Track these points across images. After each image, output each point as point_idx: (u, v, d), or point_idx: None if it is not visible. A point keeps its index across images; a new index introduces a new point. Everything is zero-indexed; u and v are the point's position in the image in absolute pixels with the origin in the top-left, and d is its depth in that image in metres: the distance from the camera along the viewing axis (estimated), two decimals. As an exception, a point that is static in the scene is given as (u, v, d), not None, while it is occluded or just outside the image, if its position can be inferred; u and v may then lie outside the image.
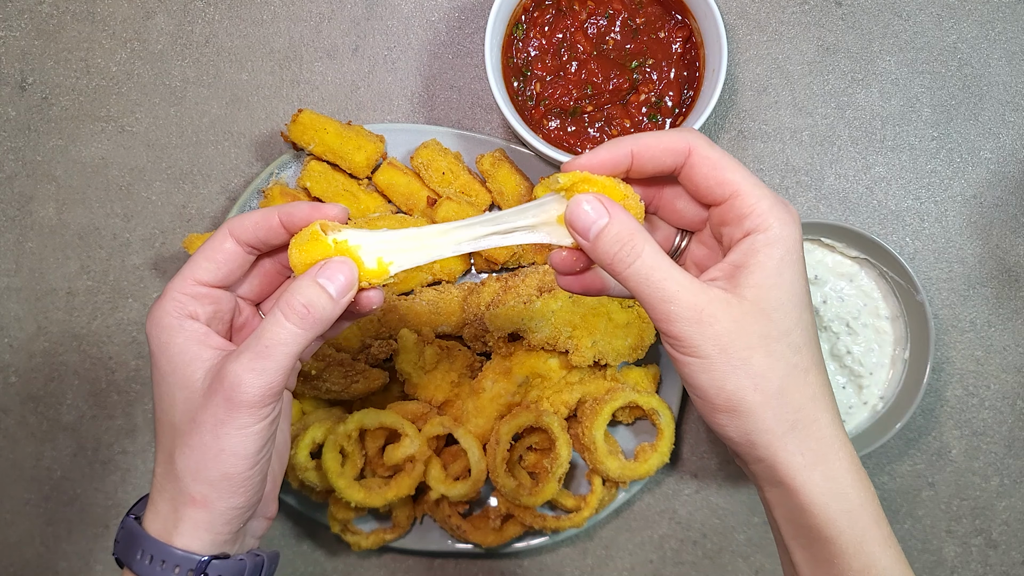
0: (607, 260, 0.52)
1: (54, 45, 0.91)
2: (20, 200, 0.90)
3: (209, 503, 0.54)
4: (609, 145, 0.54)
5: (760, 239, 0.52)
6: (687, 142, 0.53)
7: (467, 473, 0.82)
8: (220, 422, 0.53)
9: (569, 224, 0.53)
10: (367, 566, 0.89)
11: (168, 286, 0.57)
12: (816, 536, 0.51)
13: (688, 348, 0.50)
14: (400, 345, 0.83)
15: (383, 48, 0.91)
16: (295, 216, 0.57)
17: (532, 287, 0.84)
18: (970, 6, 0.91)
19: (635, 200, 0.54)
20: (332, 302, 0.55)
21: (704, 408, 0.52)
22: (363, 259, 0.56)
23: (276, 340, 0.53)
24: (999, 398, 0.90)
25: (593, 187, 0.53)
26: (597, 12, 0.84)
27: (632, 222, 0.52)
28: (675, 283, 0.50)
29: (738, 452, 0.53)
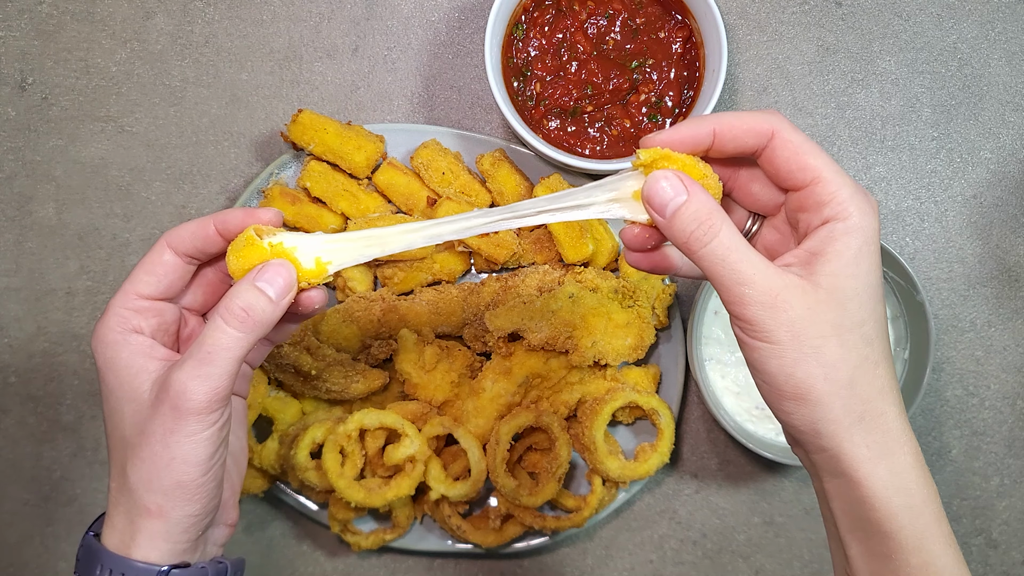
0: (682, 238, 0.51)
1: (54, 45, 0.91)
2: (20, 200, 0.90)
3: (164, 513, 0.54)
4: (691, 122, 0.54)
5: (839, 227, 0.51)
6: (771, 124, 0.52)
7: (467, 473, 0.82)
8: (169, 431, 0.53)
9: (646, 200, 0.53)
10: (367, 566, 0.89)
11: (110, 302, 0.58)
12: (875, 530, 0.51)
13: (759, 333, 0.50)
14: (400, 345, 0.83)
15: (383, 48, 0.91)
16: (230, 223, 0.58)
17: (532, 287, 0.84)
18: (970, 6, 0.91)
19: (714, 180, 0.54)
20: (271, 304, 0.55)
21: (770, 395, 0.51)
22: (300, 260, 0.56)
23: (218, 345, 0.54)
24: (999, 398, 0.90)
25: (673, 165, 0.53)
26: (597, 12, 0.84)
27: (711, 201, 0.52)
28: (751, 266, 0.50)
29: (800, 441, 0.52)
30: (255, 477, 0.84)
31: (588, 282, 0.83)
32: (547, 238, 0.86)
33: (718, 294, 0.51)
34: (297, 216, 0.85)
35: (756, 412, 0.83)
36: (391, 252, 0.58)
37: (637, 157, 0.53)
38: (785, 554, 0.90)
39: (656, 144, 0.54)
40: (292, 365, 0.81)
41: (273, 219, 0.58)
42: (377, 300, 0.84)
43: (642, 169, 0.54)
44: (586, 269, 0.85)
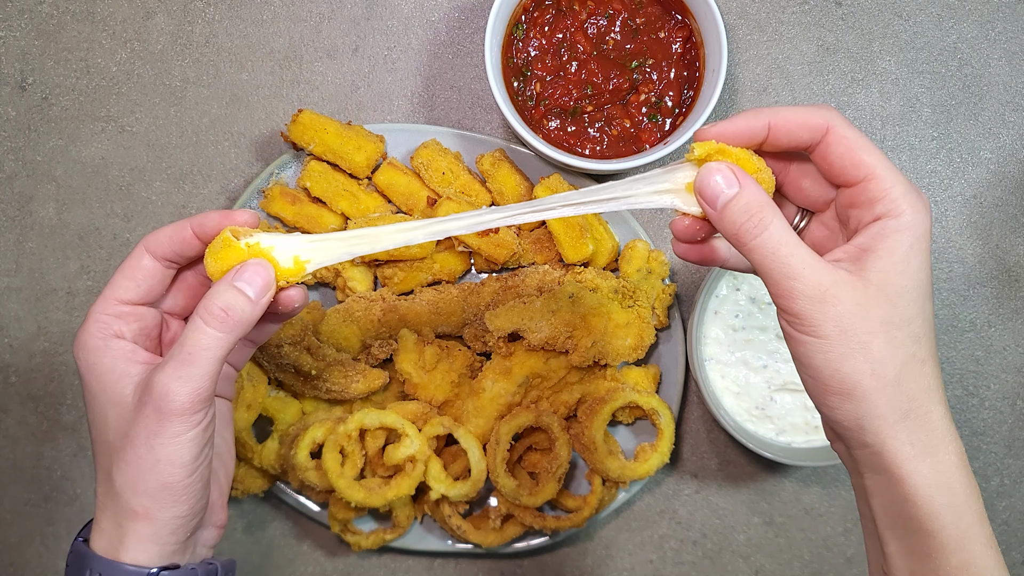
0: (733, 230, 0.52)
1: (54, 45, 0.91)
2: (20, 200, 0.90)
3: (151, 515, 0.55)
4: (747, 115, 0.54)
5: (891, 224, 0.51)
6: (826, 119, 0.53)
7: (467, 473, 0.82)
8: (153, 433, 0.54)
9: (698, 191, 0.53)
10: (367, 566, 0.89)
11: (91, 309, 0.58)
12: (916, 528, 0.50)
13: (807, 327, 0.50)
14: (400, 345, 0.83)
15: (383, 48, 0.91)
16: (206, 226, 0.58)
17: (532, 287, 0.84)
18: (970, 6, 0.91)
19: (767, 174, 0.54)
20: (250, 303, 0.55)
21: (815, 389, 0.51)
22: (278, 259, 0.57)
23: (198, 346, 0.54)
24: (999, 398, 0.90)
25: (727, 158, 0.53)
26: (597, 12, 0.84)
27: (762, 194, 0.52)
28: (800, 260, 0.50)
29: (843, 436, 0.52)
30: (255, 477, 0.84)
31: (588, 282, 0.83)
32: (547, 238, 0.86)
33: (766, 287, 0.51)
34: (297, 216, 0.85)
35: (756, 412, 0.83)
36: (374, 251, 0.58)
37: (692, 150, 0.54)
38: (785, 554, 0.90)
39: (710, 136, 0.54)
40: (292, 365, 0.81)
41: (249, 220, 0.59)
42: (377, 300, 0.84)
43: (695, 162, 0.54)
44: (586, 269, 0.85)
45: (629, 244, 0.85)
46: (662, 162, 0.91)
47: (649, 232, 0.90)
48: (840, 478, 0.90)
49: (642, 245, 0.85)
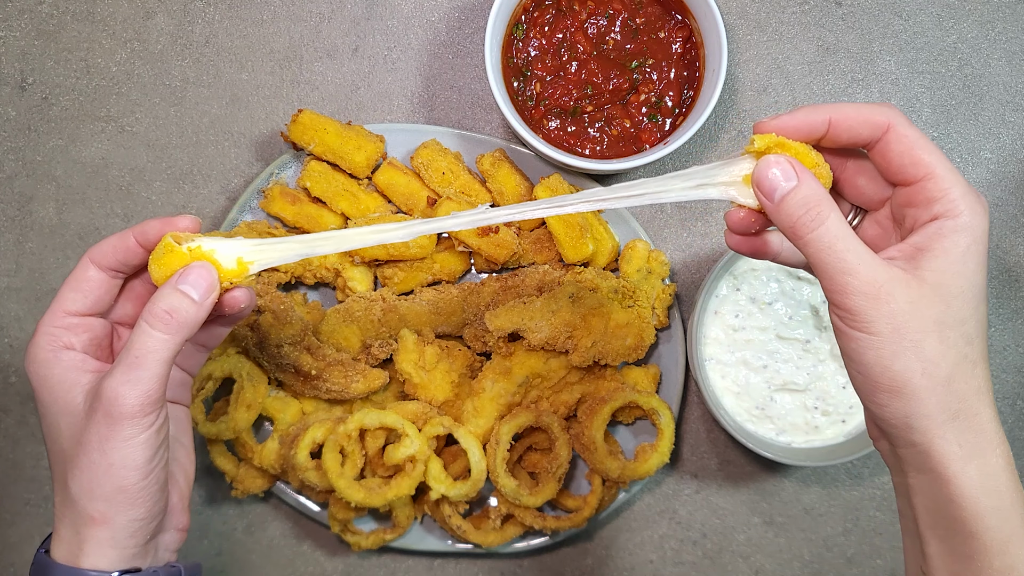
0: (789, 223, 0.52)
1: (54, 45, 0.91)
2: (20, 200, 0.90)
3: (108, 519, 0.55)
4: (807, 109, 0.54)
5: (948, 225, 0.51)
6: (887, 116, 0.52)
7: (467, 473, 0.82)
8: (104, 438, 0.54)
9: (755, 184, 0.53)
10: (367, 566, 0.89)
11: (40, 322, 0.59)
12: (959, 530, 0.50)
13: (860, 323, 0.50)
14: (400, 345, 0.83)
15: (383, 48, 0.91)
16: (149, 233, 0.59)
17: (532, 287, 0.84)
18: (970, 6, 0.91)
19: (825, 169, 0.54)
20: (195, 304, 0.56)
21: (864, 386, 0.51)
22: (221, 261, 0.58)
23: (145, 348, 0.55)
24: (999, 398, 0.90)
25: (786, 152, 0.53)
26: (597, 12, 0.84)
27: (820, 189, 0.52)
28: (856, 255, 0.50)
29: (889, 434, 0.52)
30: (255, 477, 0.84)
31: (588, 282, 0.83)
32: (547, 238, 0.86)
33: (820, 282, 0.51)
34: (297, 216, 0.85)
35: (756, 412, 0.83)
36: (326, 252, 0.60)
37: (751, 143, 0.54)
38: (785, 554, 0.90)
39: (771, 129, 0.54)
40: (292, 365, 0.81)
41: (190, 225, 0.60)
42: (377, 300, 0.84)
43: (754, 154, 0.54)
44: (586, 269, 0.85)
45: (629, 244, 0.85)
46: (662, 162, 0.91)
47: (649, 232, 0.90)
48: (840, 478, 0.90)
49: (642, 245, 0.85)
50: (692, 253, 0.91)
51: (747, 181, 0.55)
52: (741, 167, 0.55)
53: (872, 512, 0.90)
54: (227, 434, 0.82)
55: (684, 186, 0.56)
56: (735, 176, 0.55)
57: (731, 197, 0.56)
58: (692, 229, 0.91)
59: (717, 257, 0.90)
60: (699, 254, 0.91)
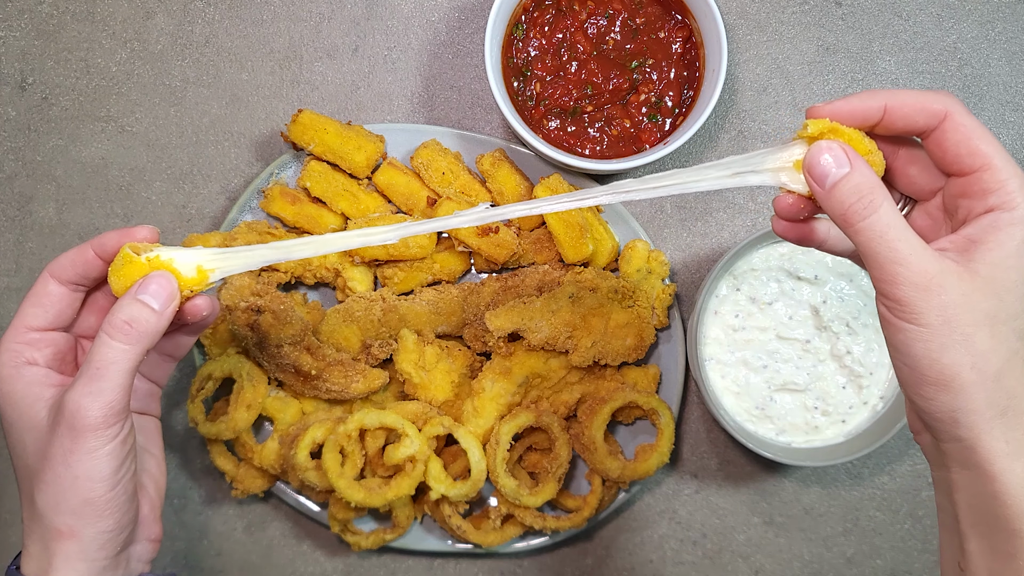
0: (840, 210, 0.51)
1: (54, 45, 0.91)
2: (20, 200, 0.90)
3: (77, 532, 0.55)
4: (863, 95, 0.53)
5: (1004, 217, 0.50)
6: (945, 105, 0.51)
7: (467, 473, 0.82)
8: (68, 451, 0.54)
9: (807, 169, 0.53)
10: (367, 566, 0.89)
11: (1, 339, 0.59)
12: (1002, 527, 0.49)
13: (909, 314, 0.49)
14: (400, 345, 0.83)
15: (383, 48, 0.91)
16: (107, 245, 0.60)
17: (532, 287, 0.84)
18: (970, 6, 0.91)
19: (878, 157, 0.53)
20: (155, 314, 0.56)
21: (910, 378, 0.50)
22: (180, 270, 0.58)
23: (105, 360, 0.55)
24: (999, 398, 0.90)
25: (839, 138, 0.53)
26: (597, 12, 0.84)
27: (873, 176, 0.51)
28: (908, 245, 0.49)
29: (934, 428, 0.51)
30: (255, 477, 0.84)
31: (588, 282, 0.83)
32: (547, 238, 0.86)
33: (869, 271, 0.50)
34: (297, 216, 0.85)
35: (756, 412, 0.83)
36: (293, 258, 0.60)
37: (804, 127, 0.53)
38: (785, 554, 0.90)
39: (825, 115, 0.53)
40: (292, 365, 0.81)
41: (148, 235, 0.60)
42: (377, 300, 0.84)
43: (806, 139, 0.54)
44: (586, 269, 0.85)
45: (629, 244, 0.85)
46: (662, 162, 0.91)
47: (649, 232, 0.90)
48: (840, 478, 0.90)
49: (642, 245, 0.85)
50: (692, 253, 0.91)
51: (798, 167, 0.54)
52: (792, 152, 0.54)
53: (872, 512, 0.90)
54: (227, 434, 0.82)
55: (719, 175, 0.56)
56: (786, 161, 0.55)
57: (781, 183, 0.55)
58: (692, 229, 0.91)
59: (717, 257, 0.90)
60: (699, 254, 0.91)
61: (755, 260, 0.84)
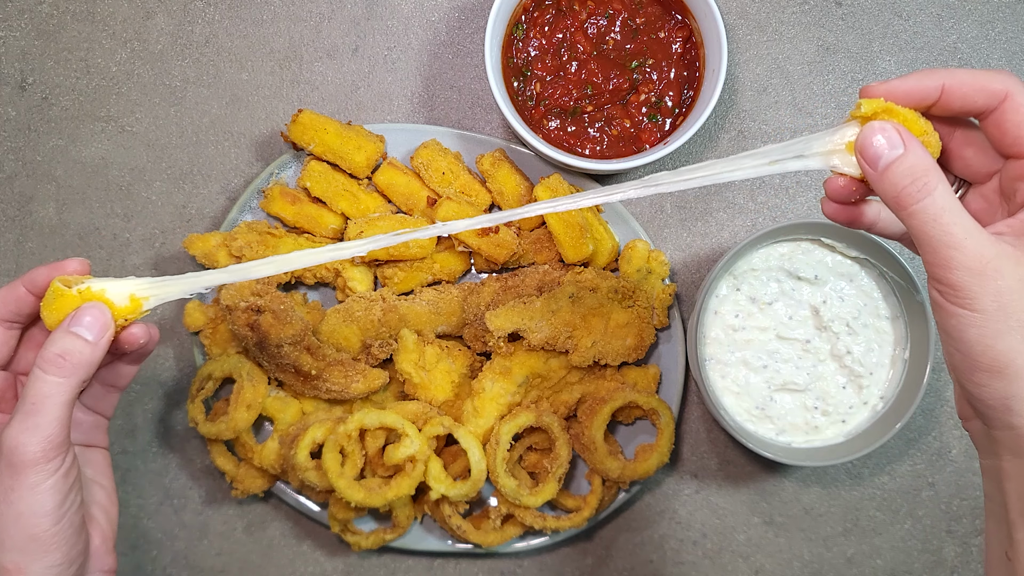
0: (893, 193, 0.50)
1: (54, 45, 0.91)
2: (20, 200, 0.90)
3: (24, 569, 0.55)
4: (920, 74, 0.52)
5: None
6: (1005, 85, 0.50)
7: (467, 473, 0.82)
8: (9, 488, 0.54)
9: (859, 151, 0.51)
10: (367, 566, 0.89)
11: None
12: None
13: (963, 299, 0.48)
14: (400, 345, 0.83)
15: (383, 48, 0.91)
16: (38, 281, 0.60)
17: (532, 287, 0.84)
18: (970, 6, 0.91)
19: (934, 138, 0.52)
20: (89, 345, 0.56)
21: (962, 364, 0.49)
22: (113, 300, 0.58)
23: (40, 394, 0.54)
24: (999, 398, 0.90)
25: (894, 118, 0.51)
26: (597, 12, 0.84)
27: (928, 158, 0.50)
28: (963, 229, 0.48)
29: (986, 415, 0.50)
30: (255, 477, 0.84)
31: (588, 282, 0.83)
32: (547, 238, 0.86)
33: (921, 255, 0.49)
34: (297, 216, 0.85)
35: (756, 412, 0.83)
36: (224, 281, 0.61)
37: (857, 107, 0.52)
38: (785, 554, 0.90)
39: (879, 94, 0.52)
40: (292, 365, 0.81)
41: (79, 268, 0.60)
42: (377, 300, 0.84)
43: (860, 119, 0.52)
44: (586, 269, 0.85)
45: (629, 244, 0.85)
46: (662, 162, 0.91)
47: (649, 232, 0.90)
48: (840, 478, 0.90)
49: (642, 245, 0.85)
50: (692, 253, 0.91)
51: (851, 149, 0.52)
52: (845, 134, 0.53)
53: (872, 512, 0.90)
54: (227, 434, 0.82)
55: (756, 164, 0.55)
56: (838, 144, 0.53)
57: (832, 166, 0.53)
58: (692, 229, 0.91)
59: (717, 257, 0.90)
60: (699, 254, 0.91)
61: (755, 260, 0.84)
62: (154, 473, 0.89)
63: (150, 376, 0.89)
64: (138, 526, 0.89)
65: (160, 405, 0.89)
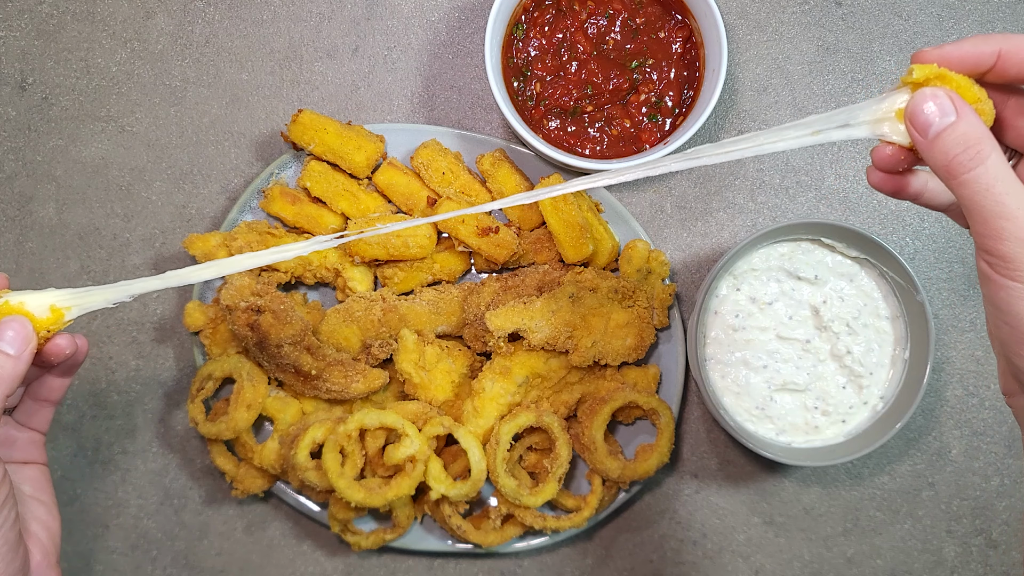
0: (944, 161, 0.48)
1: (54, 45, 0.91)
2: (20, 200, 0.90)
3: None
4: (976, 39, 0.50)
5: None
6: None
7: (467, 473, 0.82)
8: None
9: (909, 118, 0.50)
10: (367, 566, 0.89)
11: None
12: None
13: (1013, 271, 0.47)
14: (400, 345, 0.83)
15: (383, 48, 0.91)
16: None
17: (532, 287, 0.84)
18: (970, 6, 0.91)
19: (988, 106, 0.50)
20: (10, 359, 0.56)
21: (1010, 337, 0.48)
22: (33, 312, 0.58)
23: None
24: (999, 398, 0.90)
25: (946, 85, 0.50)
26: (597, 12, 0.84)
27: (981, 126, 0.48)
28: (1016, 199, 0.46)
29: None
30: (255, 477, 0.84)
31: (588, 282, 0.83)
32: (547, 238, 0.86)
33: (971, 225, 0.48)
34: (297, 216, 0.85)
35: (756, 412, 0.83)
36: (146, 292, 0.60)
37: (909, 72, 0.51)
38: (785, 554, 0.90)
39: (932, 59, 0.51)
40: (292, 365, 0.81)
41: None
42: (377, 300, 0.84)
43: (911, 85, 0.51)
44: (586, 269, 0.85)
45: (629, 244, 0.85)
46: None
47: (649, 232, 0.90)
48: (840, 478, 0.90)
49: (642, 245, 0.85)
50: (692, 253, 0.91)
51: (900, 116, 0.51)
52: (894, 101, 0.51)
53: (872, 512, 0.90)
54: (227, 434, 0.82)
55: (799, 134, 0.54)
56: (887, 111, 0.52)
57: (880, 135, 0.52)
58: (692, 229, 0.91)
59: (717, 257, 0.90)
60: (699, 254, 0.91)
61: (755, 260, 0.84)
62: (154, 473, 0.89)
63: (150, 376, 0.89)
64: (138, 526, 0.89)
65: (160, 405, 0.89)
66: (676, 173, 0.91)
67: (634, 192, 0.91)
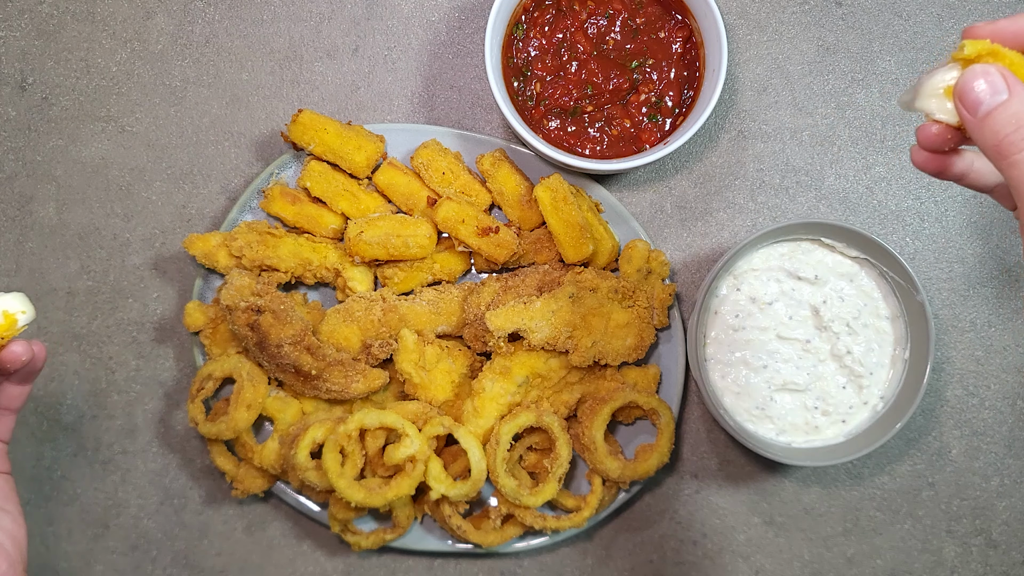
0: (993, 141, 0.46)
1: (54, 45, 0.91)
2: (20, 200, 0.90)
3: None
4: None
5: None
6: None
7: (467, 473, 0.82)
8: None
9: (958, 95, 0.48)
10: (367, 566, 0.89)
11: None
12: None
13: None
14: (400, 345, 0.83)
15: (383, 48, 0.91)
16: None
17: (532, 287, 0.84)
18: (970, 6, 0.91)
19: None
20: None
21: None
22: None
23: None
24: (999, 398, 0.90)
25: (999, 62, 0.48)
26: (597, 12, 0.84)
27: None
28: None
29: None
30: (255, 477, 0.84)
31: (588, 282, 0.83)
32: (547, 238, 0.86)
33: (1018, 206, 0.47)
34: (297, 216, 0.85)
35: (756, 412, 0.83)
36: None
37: (960, 48, 0.49)
38: (785, 554, 0.90)
39: (985, 35, 0.49)
40: (292, 365, 0.81)
41: None
42: (377, 300, 0.84)
43: (961, 62, 0.49)
44: (586, 269, 0.85)
45: (629, 244, 0.85)
46: (662, 162, 0.91)
47: (649, 232, 0.90)
48: (840, 478, 0.90)
49: (642, 245, 0.85)
50: (692, 253, 0.91)
51: (949, 94, 0.49)
52: (944, 77, 0.49)
53: (872, 512, 0.90)
54: (227, 434, 0.82)
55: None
56: (935, 88, 0.50)
57: (928, 110, 0.50)
58: (692, 229, 0.91)
59: (717, 257, 0.90)
60: (699, 254, 0.91)
61: (755, 260, 0.84)
62: (154, 473, 0.89)
63: (150, 376, 0.89)
64: (138, 526, 0.89)
65: (160, 405, 0.89)
66: (676, 173, 0.91)
67: (634, 192, 0.91)
